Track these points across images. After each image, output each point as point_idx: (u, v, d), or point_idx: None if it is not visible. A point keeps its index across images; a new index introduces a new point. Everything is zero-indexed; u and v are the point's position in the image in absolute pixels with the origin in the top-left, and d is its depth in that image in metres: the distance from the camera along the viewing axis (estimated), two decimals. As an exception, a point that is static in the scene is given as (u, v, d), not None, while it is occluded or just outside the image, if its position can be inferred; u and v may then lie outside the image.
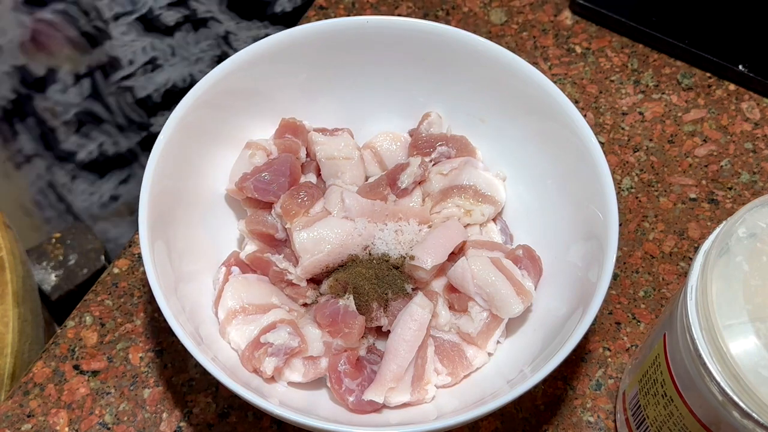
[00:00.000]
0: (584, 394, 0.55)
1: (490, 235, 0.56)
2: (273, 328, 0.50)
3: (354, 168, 0.57)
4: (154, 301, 0.47)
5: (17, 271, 0.64)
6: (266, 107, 0.58)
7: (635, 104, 0.67)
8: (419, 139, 0.58)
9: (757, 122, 0.66)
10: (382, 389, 0.49)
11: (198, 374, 0.56)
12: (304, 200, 0.53)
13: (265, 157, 0.55)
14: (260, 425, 0.54)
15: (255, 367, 0.50)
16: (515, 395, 0.45)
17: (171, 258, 0.51)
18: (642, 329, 0.58)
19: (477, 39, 0.56)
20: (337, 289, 0.51)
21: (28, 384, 0.55)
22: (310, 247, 0.52)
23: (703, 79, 0.68)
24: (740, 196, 0.63)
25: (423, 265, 0.52)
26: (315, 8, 0.72)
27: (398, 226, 0.54)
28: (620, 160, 0.64)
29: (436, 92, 0.59)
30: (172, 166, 0.52)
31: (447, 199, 0.56)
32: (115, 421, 0.54)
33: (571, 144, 0.53)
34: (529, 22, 0.71)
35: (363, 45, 0.57)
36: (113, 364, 0.56)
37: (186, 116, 0.53)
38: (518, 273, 0.52)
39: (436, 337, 0.52)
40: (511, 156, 0.58)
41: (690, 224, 0.62)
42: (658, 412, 0.46)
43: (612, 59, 0.69)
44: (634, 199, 0.63)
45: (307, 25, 0.56)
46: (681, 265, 0.60)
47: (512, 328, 0.53)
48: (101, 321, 0.57)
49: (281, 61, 0.56)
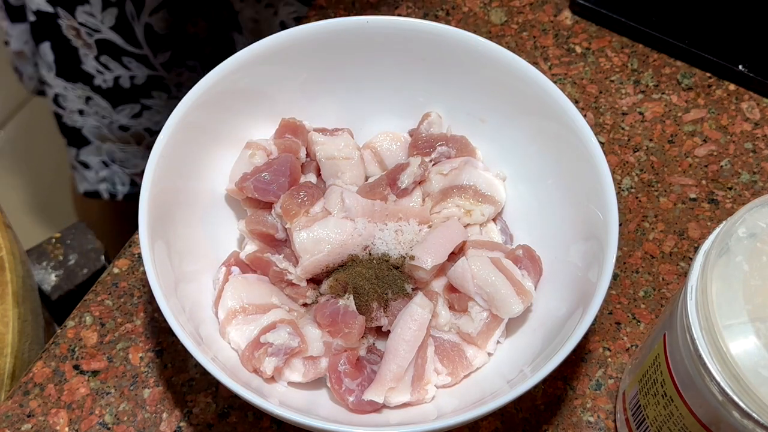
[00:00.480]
0: (584, 394, 0.55)
1: (490, 235, 0.56)
2: (273, 328, 0.50)
3: (354, 168, 0.57)
4: (154, 301, 0.47)
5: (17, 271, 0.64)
6: (266, 107, 0.58)
7: (635, 104, 0.67)
8: (419, 139, 0.58)
9: (757, 122, 0.66)
10: (382, 389, 0.49)
11: (198, 374, 0.56)
12: (304, 200, 0.53)
13: (265, 157, 0.55)
14: (260, 425, 0.54)
15: (255, 367, 0.50)
16: (515, 395, 0.45)
17: (171, 258, 0.51)
18: (642, 329, 0.58)
19: (477, 39, 0.56)
20: (337, 289, 0.51)
21: (28, 384, 0.55)
22: (310, 247, 0.52)
23: (703, 79, 0.68)
24: (740, 196, 0.63)
25: (423, 265, 0.52)
26: (315, 8, 0.72)
27: (398, 226, 0.54)
28: (620, 160, 0.64)
29: (436, 92, 0.59)
30: (172, 166, 0.52)
31: (447, 199, 0.56)
32: (115, 421, 0.54)
33: (571, 144, 0.53)
34: (529, 22, 0.71)
35: (363, 45, 0.57)
36: (113, 364, 0.56)
37: (186, 116, 0.53)
38: (518, 273, 0.52)
39: (436, 337, 0.52)
40: (511, 156, 0.58)
41: (690, 224, 0.62)
42: (658, 412, 0.46)
43: (612, 59, 0.69)
44: (634, 199, 0.63)
45: (307, 25, 0.56)
46: (681, 265, 0.60)
47: (512, 328, 0.53)
48: (101, 321, 0.57)
49: (281, 61, 0.56)
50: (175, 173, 0.53)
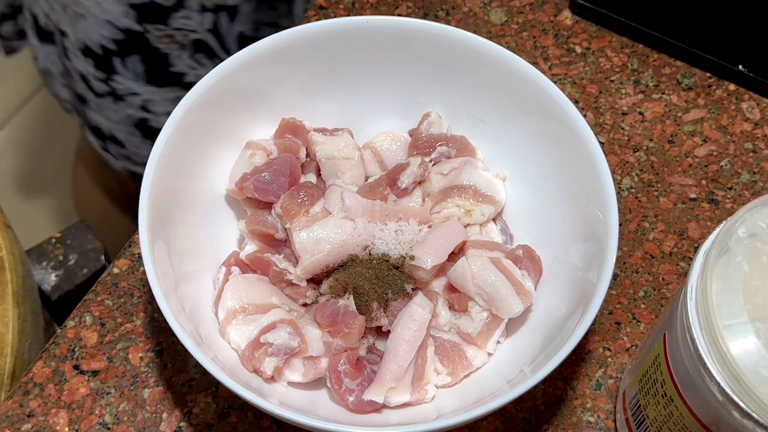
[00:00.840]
0: (584, 394, 0.55)
1: (490, 235, 0.56)
2: (273, 328, 0.50)
3: (354, 168, 0.57)
4: (154, 301, 0.47)
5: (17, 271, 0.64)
6: (266, 107, 0.58)
7: (635, 104, 0.67)
8: (419, 139, 0.58)
9: (757, 122, 0.66)
10: (382, 389, 0.49)
11: (198, 374, 0.56)
12: (304, 200, 0.53)
13: (265, 157, 0.55)
14: (260, 425, 0.54)
15: (255, 367, 0.50)
16: (515, 395, 0.45)
17: (171, 258, 0.51)
18: (642, 329, 0.58)
19: (477, 39, 0.56)
20: (337, 289, 0.51)
21: (28, 384, 0.55)
22: (310, 247, 0.52)
23: (703, 79, 0.68)
24: (740, 196, 0.63)
25: (423, 265, 0.52)
26: (315, 8, 0.72)
27: (398, 226, 0.54)
28: (620, 160, 0.64)
29: (436, 92, 0.59)
30: (172, 166, 0.52)
31: (447, 199, 0.56)
32: (115, 421, 0.54)
33: (571, 144, 0.53)
34: (529, 22, 0.71)
35: (363, 45, 0.57)
36: (113, 364, 0.56)
37: (186, 116, 0.53)
38: (518, 273, 0.52)
39: (436, 337, 0.52)
40: (511, 156, 0.58)
41: (690, 224, 0.62)
42: (658, 412, 0.46)
43: (612, 59, 0.69)
44: (634, 199, 0.63)
45: (307, 25, 0.56)
46: (681, 265, 0.60)
47: (512, 328, 0.53)
48: (101, 321, 0.57)
49: (281, 61, 0.56)
50: (175, 173, 0.53)
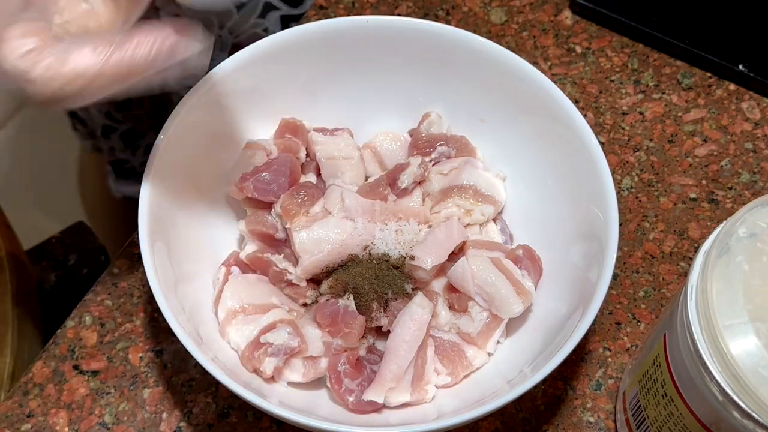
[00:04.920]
0: (584, 394, 0.55)
1: (490, 235, 0.56)
2: (273, 328, 0.50)
3: (354, 168, 0.57)
4: (154, 301, 0.47)
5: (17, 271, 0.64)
6: (266, 107, 0.58)
7: (635, 104, 0.67)
8: (419, 139, 0.58)
9: (757, 122, 0.66)
10: (382, 389, 0.49)
11: (198, 374, 0.56)
12: (304, 200, 0.53)
13: (265, 157, 0.55)
14: (260, 425, 0.54)
15: (255, 367, 0.50)
16: (515, 395, 0.45)
17: (171, 258, 0.51)
18: (642, 329, 0.58)
19: (477, 39, 0.56)
20: (337, 289, 0.51)
21: (28, 384, 0.55)
22: (310, 247, 0.52)
23: (703, 79, 0.68)
24: (740, 196, 0.63)
25: (423, 265, 0.52)
26: (315, 8, 0.72)
27: (398, 226, 0.54)
28: (620, 160, 0.64)
29: (436, 92, 0.59)
30: (172, 166, 0.52)
31: (447, 199, 0.56)
32: (115, 421, 0.54)
33: (571, 144, 0.53)
34: (529, 22, 0.71)
35: (363, 45, 0.57)
36: (113, 364, 0.56)
37: (186, 116, 0.53)
38: (518, 273, 0.52)
39: (436, 337, 0.52)
40: (511, 156, 0.58)
41: (690, 224, 0.62)
42: (658, 412, 0.46)
43: (612, 59, 0.69)
44: (634, 199, 0.63)
45: (307, 25, 0.56)
46: (681, 265, 0.60)
47: (512, 328, 0.53)
48: (101, 321, 0.57)
49: (281, 61, 0.56)
50: (175, 173, 0.53)
